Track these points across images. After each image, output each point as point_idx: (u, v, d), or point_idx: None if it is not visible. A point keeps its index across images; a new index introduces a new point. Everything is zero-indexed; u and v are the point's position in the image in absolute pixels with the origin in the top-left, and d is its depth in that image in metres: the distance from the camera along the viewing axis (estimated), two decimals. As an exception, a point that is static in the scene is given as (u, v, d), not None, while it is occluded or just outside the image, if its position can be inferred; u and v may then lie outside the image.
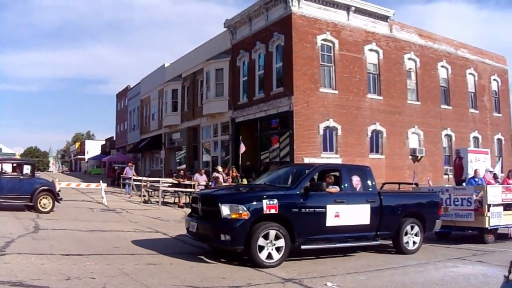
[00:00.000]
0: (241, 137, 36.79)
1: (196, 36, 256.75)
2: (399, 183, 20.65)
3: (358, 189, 14.35)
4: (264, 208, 12.04)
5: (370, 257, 14.44)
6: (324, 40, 34.28)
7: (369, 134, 36.01)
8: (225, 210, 11.97)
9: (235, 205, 12.00)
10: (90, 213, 24.16)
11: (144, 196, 33.30)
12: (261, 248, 11.91)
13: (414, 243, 15.23)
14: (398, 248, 15.07)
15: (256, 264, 11.80)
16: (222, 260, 12.49)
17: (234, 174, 30.46)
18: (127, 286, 9.27)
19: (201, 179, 32.33)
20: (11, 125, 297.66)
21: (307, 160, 30.27)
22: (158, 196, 32.13)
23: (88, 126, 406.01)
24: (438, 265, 13.43)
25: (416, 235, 15.28)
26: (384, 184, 22.02)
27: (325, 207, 13.06)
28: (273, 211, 12.13)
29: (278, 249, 12.14)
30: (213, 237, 12.29)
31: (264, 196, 12.34)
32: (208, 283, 9.98)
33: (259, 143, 38.04)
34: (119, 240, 15.23)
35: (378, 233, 14.32)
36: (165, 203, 30.05)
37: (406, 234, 15.05)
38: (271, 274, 11.17)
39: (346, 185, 14.05)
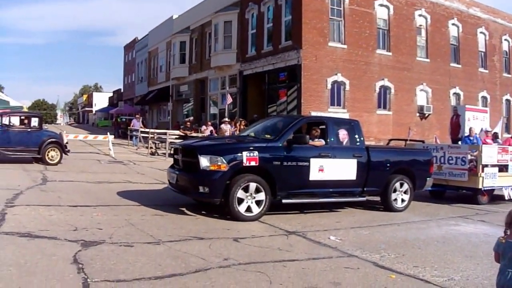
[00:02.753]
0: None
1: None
2: (405, 140, 20.57)
3: (345, 143, 14.01)
4: (244, 160, 11.84)
5: (371, 213, 14.44)
6: (334, -7, 33.88)
7: (377, 90, 35.95)
8: (204, 161, 11.83)
9: (214, 157, 11.81)
10: (98, 165, 24.38)
11: (151, 148, 33.44)
12: (241, 200, 11.79)
13: (402, 200, 14.87)
14: (386, 205, 14.77)
15: (234, 216, 11.70)
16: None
17: (242, 127, 30.45)
18: (133, 237, 9.39)
19: (207, 131, 32.42)
20: (18, 78, 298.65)
21: (314, 114, 30.22)
22: (165, 148, 32.35)
23: (96, 78, 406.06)
24: (440, 222, 13.44)
25: (405, 192, 14.90)
26: (390, 140, 22.05)
27: (308, 161, 12.78)
28: (253, 163, 11.94)
29: (258, 202, 11.96)
30: (192, 189, 12.22)
31: (245, 148, 12.18)
32: (213, 234, 10.12)
33: (267, 96, 38.05)
34: (126, 192, 15.34)
35: (365, 189, 14.04)
36: (171, 155, 30.17)
37: (394, 191, 14.67)
38: (275, 227, 11.29)
39: (332, 139, 13.68)
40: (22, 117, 24.55)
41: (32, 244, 8.46)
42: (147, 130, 38.31)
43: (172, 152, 17.50)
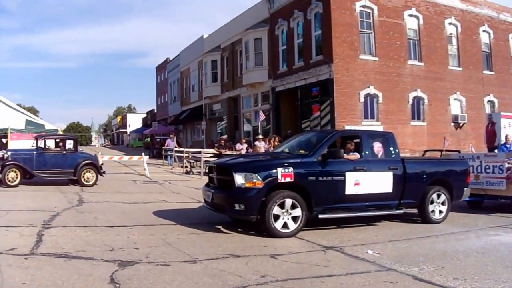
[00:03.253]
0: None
1: (234, 6, 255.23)
2: (441, 150, 20.31)
3: (379, 155, 13.80)
4: (279, 177, 11.73)
5: (409, 225, 14.16)
6: (363, 6, 33.92)
7: (410, 101, 35.67)
8: (238, 179, 11.75)
9: (249, 174, 11.74)
10: (133, 185, 24.53)
11: (186, 167, 33.60)
12: (277, 217, 11.64)
13: (440, 212, 14.53)
14: (423, 217, 14.41)
15: (271, 233, 11.59)
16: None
17: (276, 143, 30.38)
18: (170, 256, 9.38)
19: (243, 149, 32.45)
20: (52, 102, 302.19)
21: (348, 128, 30.08)
22: (200, 166, 32.39)
23: (129, 99, 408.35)
24: (480, 233, 13.12)
25: (442, 203, 14.57)
26: (426, 151, 21.77)
27: (344, 175, 12.60)
28: (288, 179, 11.80)
29: (294, 218, 11.83)
30: (228, 207, 12.15)
31: (280, 164, 12.05)
32: (250, 251, 10.07)
33: (300, 111, 38.00)
34: (161, 211, 15.38)
35: (401, 201, 13.75)
36: (207, 174, 30.17)
37: (432, 202, 14.35)
38: (312, 242, 11.17)
39: (367, 152, 13.49)
40: (57, 140, 24.96)
41: (69, 265, 8.50)
42: (181, 149, 38.49)
43: (207, 170, 17.52)
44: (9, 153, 22.84)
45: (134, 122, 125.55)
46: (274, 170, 11.82)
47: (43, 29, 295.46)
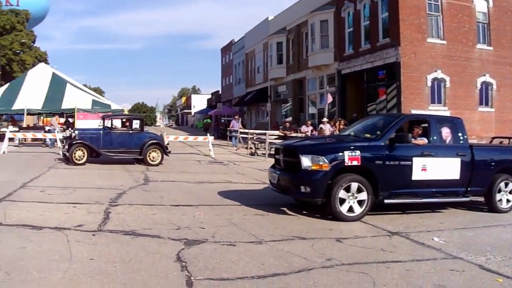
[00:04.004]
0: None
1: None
2: (509, 138, 19.84)
3: (448, 141, 13.51)
4: (346, 160, 11.63)
5: (475, 214, 13.84)
6: (431, -12, 33.22)
7: (479, 86, 34.89)
8: (305, 161, 11.71)
9: (316, 156, 11.66)
10: (198, 165, 24.69)
11: (250, 148, 33.63)
12: (342, 201, 11.54)
13: (508, 201, 14.07)
14: (490, 206, 14.01)
15: (336, 217, 11.51)
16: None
17: (342, 126, 30.17)
18: (235, 236, 9.43)
19: (308, 130, 32.34)
20: (117, 82, 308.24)
21: (414, 112, 29.68)
22: (264, 148, 32.40)
23: (194, 81, 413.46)
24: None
25: (510, 192, 14.10)
26: (493, 138, 21.29)
27: (411, 160, 12.42)
28: (355, 163, 11.69)
29: (360, 202, 11.72)
30: (293, 189, 12.11)
31: (346, 148, 11.95)
32: (315, 234, 10.03)
33: (366, 94, 37.66)
34: (226, 191, 15.44)
35: (468, 189, 13.41)
36: (271, 155, 30.12)
37: (499, 191, 13.91)
38: (377, 227, 11.07)
39: (435, 137, 13.23)
40: (124, 120, 25.26)
41: (136, 242, 8.64)
42: (246, 130, 38.56)
43: (272, 152, 17.46)
44: (76, 132, 23.35)
45: (199, 103, 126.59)
46: (341, 153, 11.71)
47: (107, 11, 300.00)
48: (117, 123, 24.65)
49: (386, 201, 12.27)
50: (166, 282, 6.57)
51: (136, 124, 24.66)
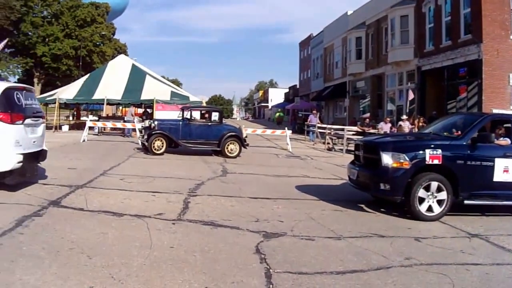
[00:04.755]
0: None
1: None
2: None
3: None
4: (427, 158, 11.45)
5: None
6: (516, -17, 32.37)
7: None
8: (386, 158, 11.58)
9: (397, 154, 11.56)
10: (275, 159, 24.79)
11: (328, 143, 33.55)
12: (421, 200, 11.36)
13: None
14: None
15: (414, 216, 11.35)
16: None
17: (421, 124, 29.77)
18: (314, 231, 9.42)
19: (386, 128, 32.06)
20: (195, 74, 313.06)
21: (496, 112, 29.02)
22: (342, 144, 32.26)
23: (271, 74, 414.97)
24: None
25: None
26: None
27: (493, 161, 12.02)
28: (436, 161, 11.49)
29: (439, 202, 11.49)
30: (373, 186, 12.03)
31: (428, 146, 11.76)
32: (394, 232, 9.95)
33: (446, 92, 36.97)
34: (304, 186, 15.44)
35: None
36: (349, 151, 29.94)
37: None
38: (457, 228, 10.85)
39: None
40: (203, 112, 25.63)
41: (215, 233, 8.78)
42: (324, 125, 38.51)
43: (350, 148, 17.32)
44: (156, 122, 23.77)
45: (276, 96, 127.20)
46: (422, 152, 11.56)
47: (185, 4, 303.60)
48: (196, 114, 25.07)
49: (466, 201, 11.96)
50: (245, 273, 6.64)
51: (215, 116, 24.96)
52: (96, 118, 40.43)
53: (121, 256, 7.03)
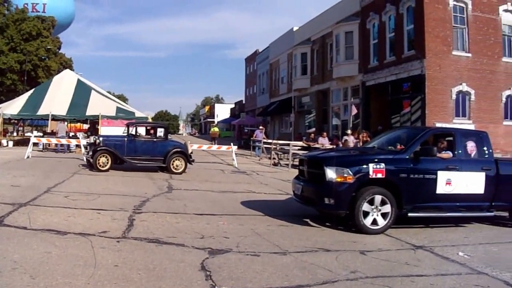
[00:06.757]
0: (354, 99, 36.59)
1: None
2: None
3: (472, 155, 13.35)
4: (371, 173, 11.59)
5: (500, 229, 13.65)
6: (457, 1, 33.18)
7: (504, 99, 34.58)
8: (329, 173, 11.61)
9: (340, 168, 11.60)
10: (221, 175, 24.75)
11: (274, 158, 33.63)
12: (366, 213, 11.48)
13: None
14: None
15: (359, 229, 11.46)
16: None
17: (365, 139, 30.12)
18: (260, 246, 9.43)
19: (324, 142, 32.37)
20: (140, 89, 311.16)
21: (438, 125, 29.56)
22: (287, 159, 32.41)
23: (217, 90, 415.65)
24: None
25: None
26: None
27: (436, 173, 12.30)
28: (379, 175, 11.62)
29: (384, 215, 11.65)
30: (317, 201, 12.09)
31: (371, 160, 11.90)
32: (339, 246, 10.02)
33: (390, 107, 37.52)
34: (250, 201, 15.48)
35: (493, 203, 13.23)
36: (294, 166, 30.09)
37: None
38: (401, 240, 11.03)
39: (460, 151, 13.06)
40: (148, 127, 25.50)
41: (160, 250, 8.69)
42: (269, 141, 38.61)
43: (295, 163, 17.42)
44: (100, 138, 23.57)
45: (222, 112, 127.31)
46: (365, 166, 11.70)
47: (132, 19, 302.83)
48: (142, 130, 24.90)
49: (410, 214, 12.17)
50: (190, 291, 6.61)
51: (160, 132, 24.76)
52: (41, 134, 39.94)
53: (65, 275, 6.90)
